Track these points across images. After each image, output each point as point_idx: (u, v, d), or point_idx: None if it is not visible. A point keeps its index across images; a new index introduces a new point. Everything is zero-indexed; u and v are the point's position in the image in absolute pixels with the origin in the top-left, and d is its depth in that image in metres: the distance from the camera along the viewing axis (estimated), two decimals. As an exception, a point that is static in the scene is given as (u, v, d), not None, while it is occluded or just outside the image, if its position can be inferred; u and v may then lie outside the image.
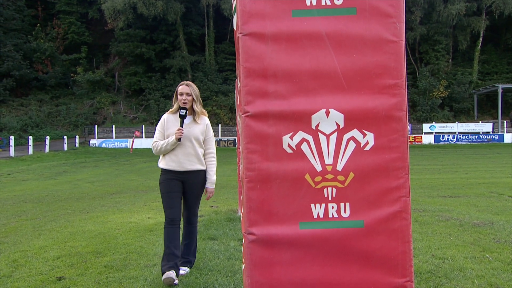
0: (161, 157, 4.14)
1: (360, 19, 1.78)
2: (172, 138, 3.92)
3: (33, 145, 26.24)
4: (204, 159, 4.16)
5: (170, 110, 4.16)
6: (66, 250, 5.04)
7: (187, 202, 4.16)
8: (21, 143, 30.24)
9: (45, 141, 28.38)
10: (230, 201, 8.62)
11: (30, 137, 26.91)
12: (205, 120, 4.18)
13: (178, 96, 4.04)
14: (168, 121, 4.10)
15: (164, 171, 4.08)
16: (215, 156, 4.24)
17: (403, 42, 1.79)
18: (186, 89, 4.03)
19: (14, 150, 24.28)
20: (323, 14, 1.79)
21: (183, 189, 4.09)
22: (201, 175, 4.14)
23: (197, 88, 4.13)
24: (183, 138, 3.97)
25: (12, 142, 24.30)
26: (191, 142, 4.01)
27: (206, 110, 4.29)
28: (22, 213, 7.65)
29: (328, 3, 1.79)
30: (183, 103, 4.00)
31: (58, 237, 5.70)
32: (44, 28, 45.67)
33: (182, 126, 3.94)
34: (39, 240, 5.59)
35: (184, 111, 3.95)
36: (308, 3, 1.79)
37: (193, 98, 4.04)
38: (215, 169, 4.22)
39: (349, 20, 1.79)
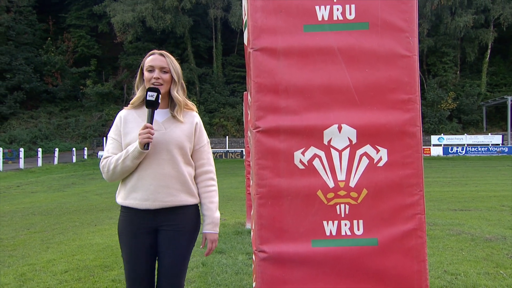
0: (119, 185, 2.40)
1: (373, 33, 1.77)
2: (135, 146, 2.21)
3: (42, 157, 26.46)
4: (197, 183, 2.42)
5: (131, 102, 2.44)
6: (74, 263, 5.02)
7: (167, 267, 2.31)
8: (30, 155, 30.47)
9: (54, 153, 28.60)
10: (238, 214, 8.56)
11: (40, 149, 27.15)
12: (193, 117, 2.43)
13: (146, 73, 2.36)
14: (128, 121, 2.37)
15: (124, 211, 2.35)
16: (215, 177, 2.49)
17: (416, 57, 1.77)
18: (160, 61, 2.35)
19: (24, 162, 24.47)
20: (335, 29, 1.78)
21: (157, 243, 2.33)
22: (191, 214, 2.37)
23: (178, 64, 2.45)
24: (155, 145, 2.26)
25: (21, 154, 24.50)
26: (170, 153, 2.28)
27: (213, 122, 3.07)
28: (30, 226, 7.66)
29: (340, 17, 1.79)
30: (154, 83, 2.32)
31: (66, 250, 5.68)
32: (54, 41, 46.36)
33: (151, 122, 2.21)
34: (47, 253, 5.57)
35: (155, 94, 2.21)
36: (320, 18, 1.79)
37: (171, 78, 2.37)
38: (217, 199, 2.45)
39: (361, 35, 1.77)
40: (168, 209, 2.29)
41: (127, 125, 2.36)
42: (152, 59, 2.38)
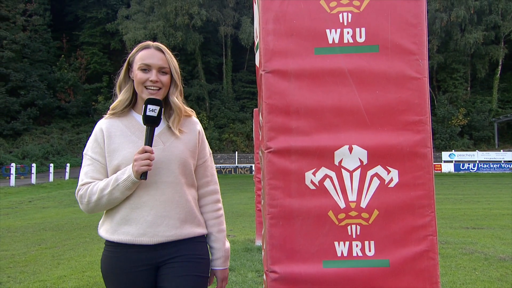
0: (104, 215, 1.91)
1: (383, 56, 1.80)
2: (127, 174, 1.74)
3: (53, 172, 26.72)
4: (201, 207, 1.99)
5: (112, 107, 1.92)
6: (84, 280, 5.03)
7: None
8: (42, 170, 30.80)
9: (65, 168, 28.86)
10: (247, 230, 8.53)
11: (51, 165, 27.43)
12: (194, 124, 2.01)
13: (138, 72, 1.84)
14: (113, 135, 1.86)
15: (112, 247, 1.83)
16: (220, 198, 2.06)
17: (426, 79, 1.79)
18: (158, 59, 1.87)
19: (36, 177, 24.72)
20: (346, 51, 1.81)
21: (158, 279, 1.83)
22: (198, 248, 1.90)
23: (176, 61, 1.97)
24: (156, 168, 1.80)
25: (33, 170, 24.76)
26: (172, 174, 1.84)
27: (223, 138, 2.42)
28: (41, 242, 7.71)
29: (351, 40, 1.82)
30: (151, 89, 1.84)
31: (76, 267, 5.71)
32: (68, 58, 47.30)
33: (151, 144, 1.76)
34: (58, 269, 5.60)
35: (157, 108, 1.76)
36: (330, 41, 1.82)
37: (171, 80, 1.92)
38: (225, 226, 2.04)
39: (371, 57, 1.80)
40: (171, 243, 1.82)
41: (113, 140, 1.83)
42: (148, 55, 1.85)
